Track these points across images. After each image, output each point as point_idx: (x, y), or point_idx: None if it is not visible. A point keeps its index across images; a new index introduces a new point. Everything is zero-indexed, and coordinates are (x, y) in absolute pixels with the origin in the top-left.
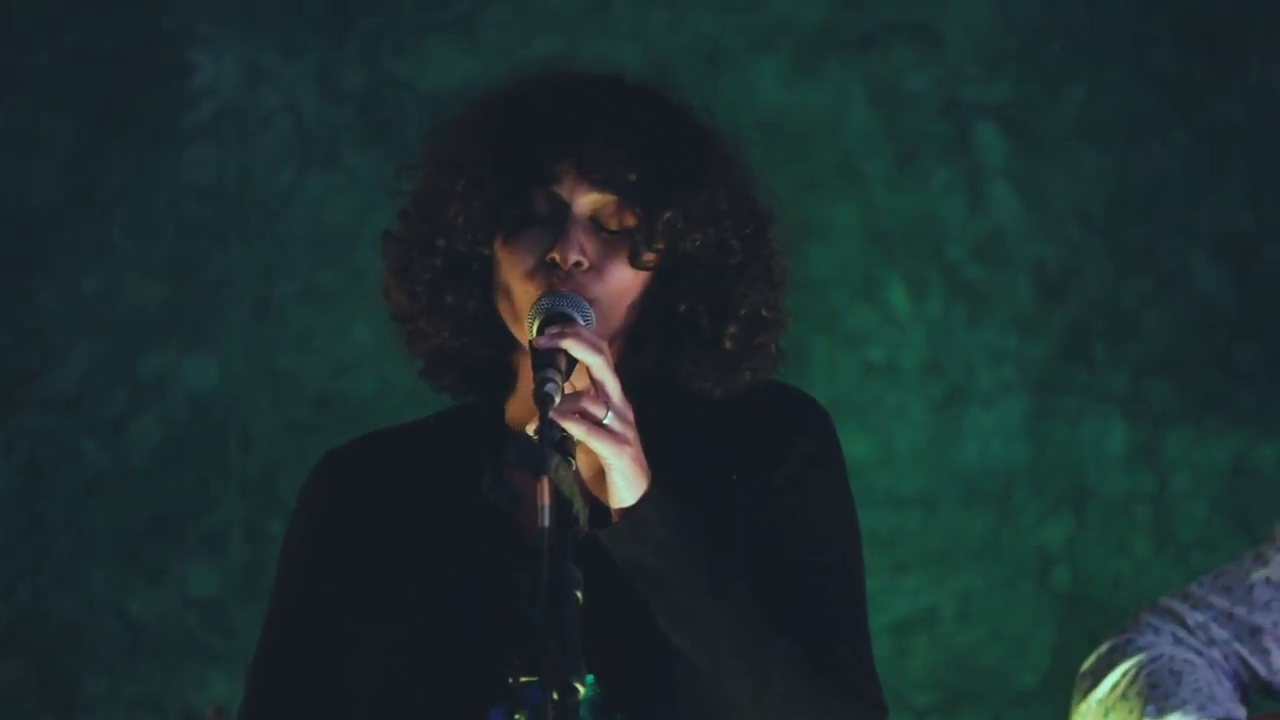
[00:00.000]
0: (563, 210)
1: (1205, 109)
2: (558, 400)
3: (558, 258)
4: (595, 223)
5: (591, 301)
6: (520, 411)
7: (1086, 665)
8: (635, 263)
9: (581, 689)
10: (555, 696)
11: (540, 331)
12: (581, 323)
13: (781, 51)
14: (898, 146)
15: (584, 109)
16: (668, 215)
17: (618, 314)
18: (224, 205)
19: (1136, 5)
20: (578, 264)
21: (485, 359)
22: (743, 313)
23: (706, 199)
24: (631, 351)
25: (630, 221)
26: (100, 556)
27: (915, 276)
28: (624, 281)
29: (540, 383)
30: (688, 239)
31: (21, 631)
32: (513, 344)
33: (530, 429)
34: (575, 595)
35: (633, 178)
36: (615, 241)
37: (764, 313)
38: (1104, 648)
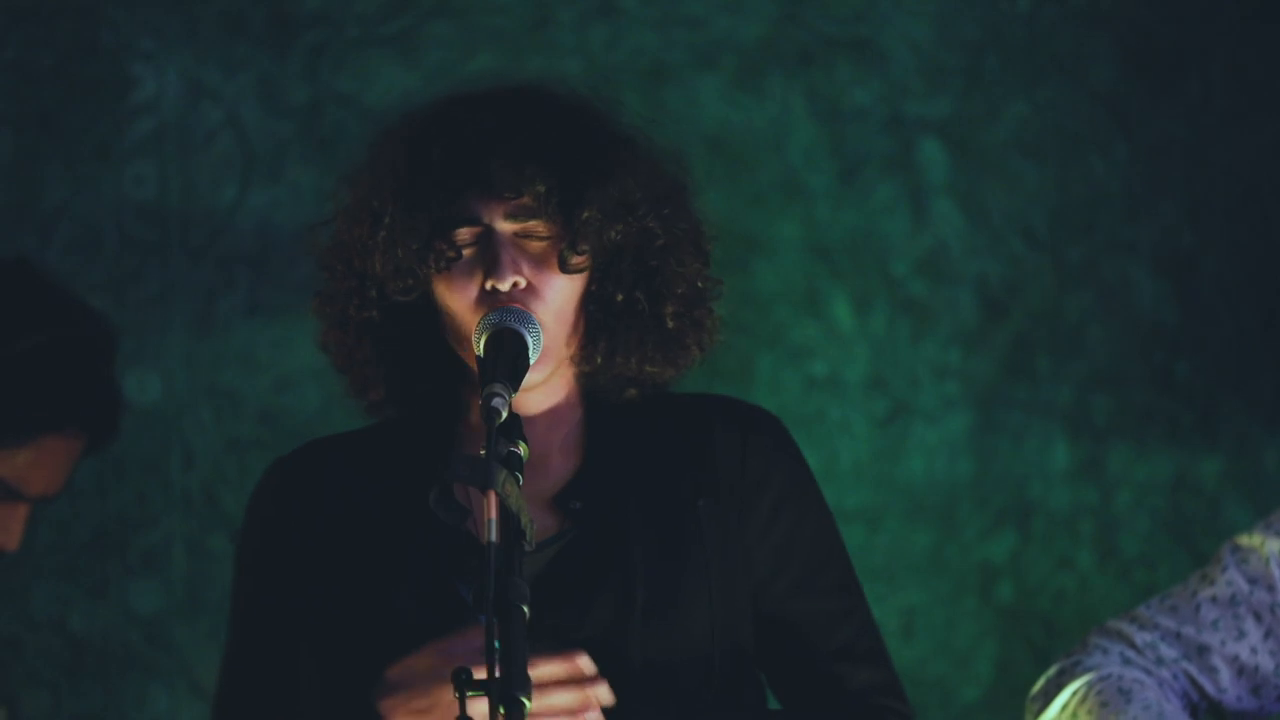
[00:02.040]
0: (488, 235)
1: (1145, 125)
2: (504, 414)
3: (497, 285)
4: (522, 240)
5: (539, 323)
6: (472, 425)
7: (1037, 688)
8: (565, 269)
9: (528, 703)
10: (501, 710)
11: (488, 346)
12: (529, 340)
13: (723, 67)
14: (840, 162)
15: (479, 134)
16: (585, 215)
17: (564, 324)
18: (166, 220)
19: (1077, 22)
20: (515, 284)
21: (432, 391)
22: (679, 290)
23: (618, 190)
24: (586, 350)
25: (553, 230)
26: (41, 572)
27: (859, 292)
28: (563, 292)
29: (487, 397)
30: (609, 233)
31: None
32: (461, 373)
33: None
34: (522, 609)
35: (542, 189)
36: (544, 254)
37: (699, 284)
38: (1053, 670)
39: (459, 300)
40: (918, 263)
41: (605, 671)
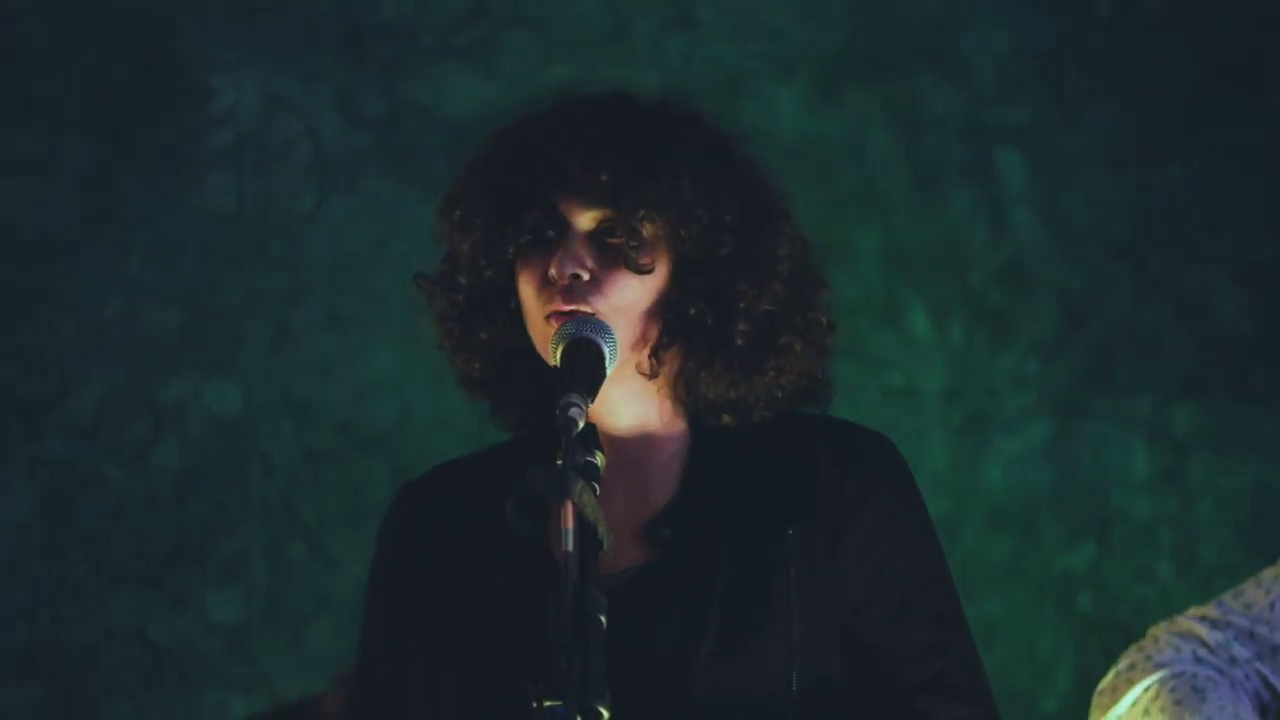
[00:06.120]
0: (564, 228)
1: (1225, 133)
2: (580, 424)
3: (553, 273)
4: (599, 236)
5: (594, 313)
6: None
7: (1105, 683)
8: (630, 266)
9: (605, 713)
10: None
11: (563, 358)
12: (606, 350)
13: (801, 77)
14: (918, 171)
15: (567, 129)
16: (640, 211)
17: (629, 325)
18: (244, 231)
19: (1156, 30)
20: (576, 277)
21: (529, 389)
22: (742, 305)
23: (671, 187)
24: (659, 358)
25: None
26: (121, 582)
27: (937, 301)
28: (631, 291)
29: (563, 407)
30: (665, 231)
31: (42, 656)
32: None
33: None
34: (599, 619)
35: (605, 179)
36: (617, 252)
37: (769, 306)
38: (1122, 664)
39: (527, 288)
40: (996, 272)
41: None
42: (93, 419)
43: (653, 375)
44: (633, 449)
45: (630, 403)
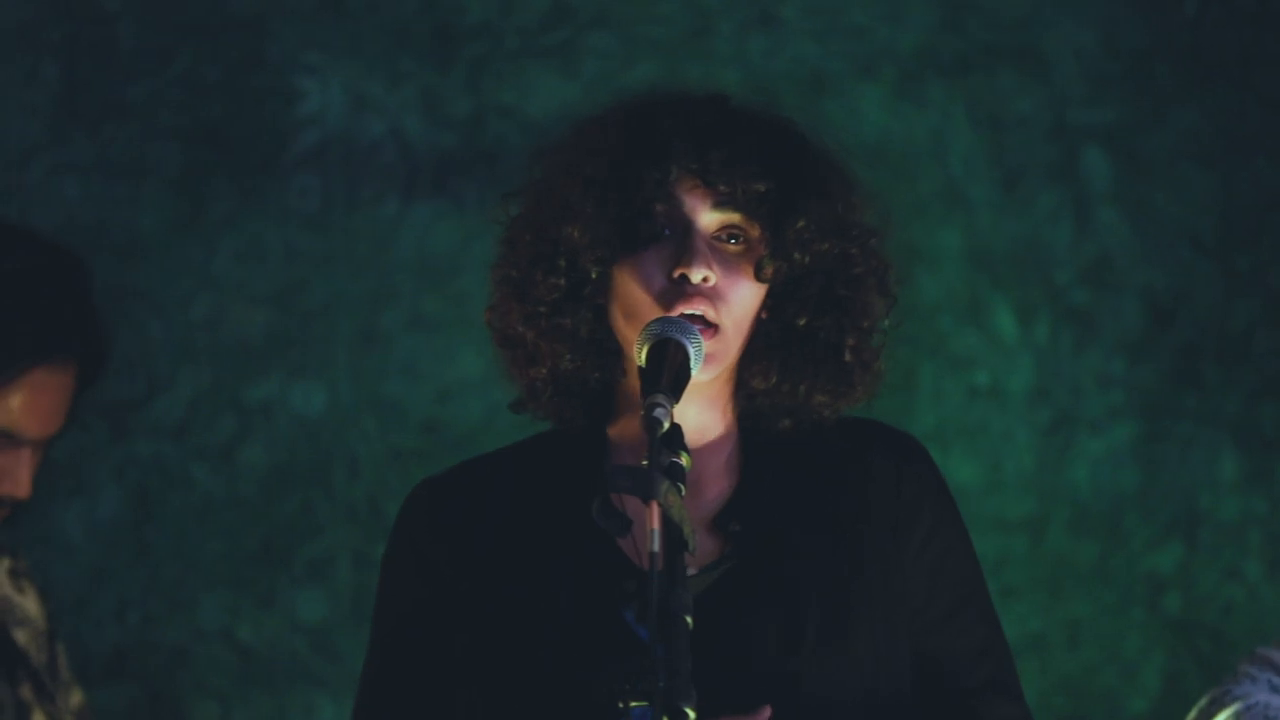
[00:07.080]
0: (686, 227)
1: None
2: (666, 425)
3: (688, 274)
4: (719, 239)
5: (717, 326)
6: (625, 434)
7: (1189, 718)
8: (759, 276)
9: (691, 713)
10: None
11: (649, 358)
12: (691, 351)
13: (884, 76)
14: (1003, 170)
15: (704, 124)
16: (800, 224)
17: (740, 333)
18: (330, 232)
19: (1244, 25)
20: (705, 279)
21: (594, 382)
22: (864, 324)
23: (835, 207)
24: (752, 367)
25: (754, 235)
26: (209, 582)
27: (1022, 301)
28: (750, 298)
29: (649, 407)
30: (816, 249)
31: (132, 657)
32: (622, 366)
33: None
34: (685, 620)
35: (760, 189)
36: (738, 259)
37: (880, 325)
38: (1204, 700)
39: (645, 287)
40: (1081, 271)
41: (775, 704)
42: (180, 420)
43: (751, 380)
44: (690, 450)
45: (694, 405)
